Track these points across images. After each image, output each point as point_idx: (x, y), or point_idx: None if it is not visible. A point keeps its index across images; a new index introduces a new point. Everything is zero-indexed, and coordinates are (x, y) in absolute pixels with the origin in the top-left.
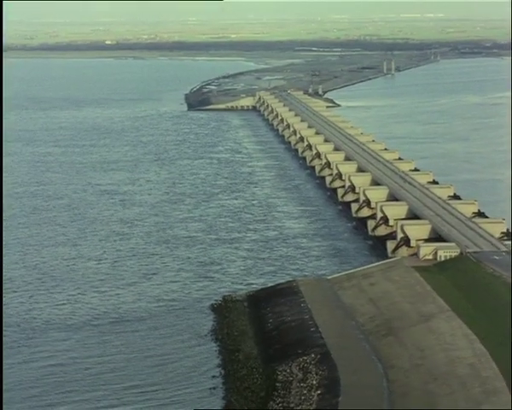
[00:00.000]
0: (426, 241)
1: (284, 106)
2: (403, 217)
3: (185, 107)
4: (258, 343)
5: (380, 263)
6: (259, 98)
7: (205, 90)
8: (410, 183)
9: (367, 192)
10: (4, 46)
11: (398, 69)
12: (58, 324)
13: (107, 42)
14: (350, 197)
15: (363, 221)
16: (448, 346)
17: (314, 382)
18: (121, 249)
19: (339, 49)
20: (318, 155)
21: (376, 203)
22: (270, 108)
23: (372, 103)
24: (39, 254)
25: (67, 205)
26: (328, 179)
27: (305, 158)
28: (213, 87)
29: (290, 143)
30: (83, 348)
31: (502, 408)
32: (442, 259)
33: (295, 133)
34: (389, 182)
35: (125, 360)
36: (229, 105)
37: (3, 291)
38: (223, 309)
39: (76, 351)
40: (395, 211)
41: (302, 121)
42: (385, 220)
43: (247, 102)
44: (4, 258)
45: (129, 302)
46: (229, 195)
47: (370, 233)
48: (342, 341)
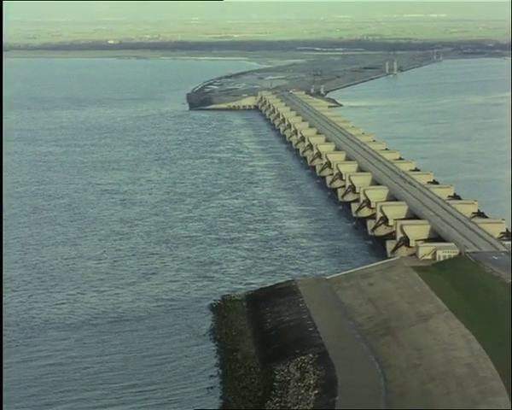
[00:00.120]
0: (425, 241)
1: (286, 106)
2: (402, 217)
3: (187, 106)
4: (256, 343)
5: (379, 263)
6: (261, 98)
7: (207, 89)
8: (410, 183)
9: (367, 192)
10: (7, 46)
11: (400, 69)
12: (57, 323)
13: (109, 41)
14: (350, 197)
15: (363, 221)
16: (446, 346)
17: (311, 381)
18: (121, 249)
19: (341, 49)
20: (319, 155)
21: (376, 203)
22: (271, 108)
23: (374, 103)
24: (39, 253)
25: (68, 204)
26: (328, 179)
27: (306, 158)
28: (215, 87)
29: (291, 143)
30: (82, 348)
31: (499, 409)
32: (441, 259)
33: (296, 133)
34: (389, 182)
35: (124, 360)
36: (230, 105)
37: (3, 290)
38: (221, 309)
39: (75, 350)
40: (395, 211)
41: (303, 121)
42: (384, 220)
43: (249, 102)
44: (4, 257)
45: (128, 302)
46: (229, 194)
47: (370, 233)
48: (340, 341)
